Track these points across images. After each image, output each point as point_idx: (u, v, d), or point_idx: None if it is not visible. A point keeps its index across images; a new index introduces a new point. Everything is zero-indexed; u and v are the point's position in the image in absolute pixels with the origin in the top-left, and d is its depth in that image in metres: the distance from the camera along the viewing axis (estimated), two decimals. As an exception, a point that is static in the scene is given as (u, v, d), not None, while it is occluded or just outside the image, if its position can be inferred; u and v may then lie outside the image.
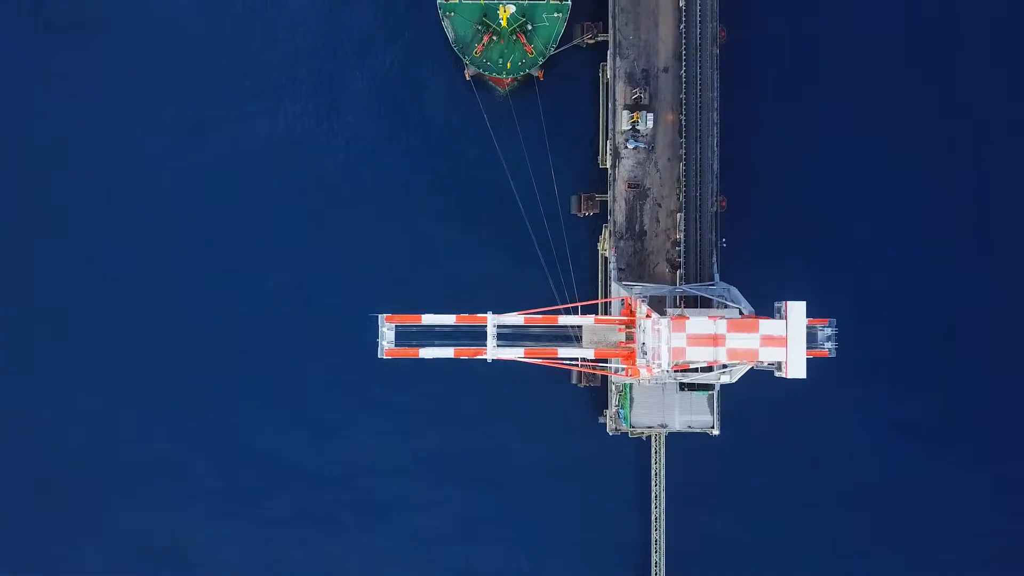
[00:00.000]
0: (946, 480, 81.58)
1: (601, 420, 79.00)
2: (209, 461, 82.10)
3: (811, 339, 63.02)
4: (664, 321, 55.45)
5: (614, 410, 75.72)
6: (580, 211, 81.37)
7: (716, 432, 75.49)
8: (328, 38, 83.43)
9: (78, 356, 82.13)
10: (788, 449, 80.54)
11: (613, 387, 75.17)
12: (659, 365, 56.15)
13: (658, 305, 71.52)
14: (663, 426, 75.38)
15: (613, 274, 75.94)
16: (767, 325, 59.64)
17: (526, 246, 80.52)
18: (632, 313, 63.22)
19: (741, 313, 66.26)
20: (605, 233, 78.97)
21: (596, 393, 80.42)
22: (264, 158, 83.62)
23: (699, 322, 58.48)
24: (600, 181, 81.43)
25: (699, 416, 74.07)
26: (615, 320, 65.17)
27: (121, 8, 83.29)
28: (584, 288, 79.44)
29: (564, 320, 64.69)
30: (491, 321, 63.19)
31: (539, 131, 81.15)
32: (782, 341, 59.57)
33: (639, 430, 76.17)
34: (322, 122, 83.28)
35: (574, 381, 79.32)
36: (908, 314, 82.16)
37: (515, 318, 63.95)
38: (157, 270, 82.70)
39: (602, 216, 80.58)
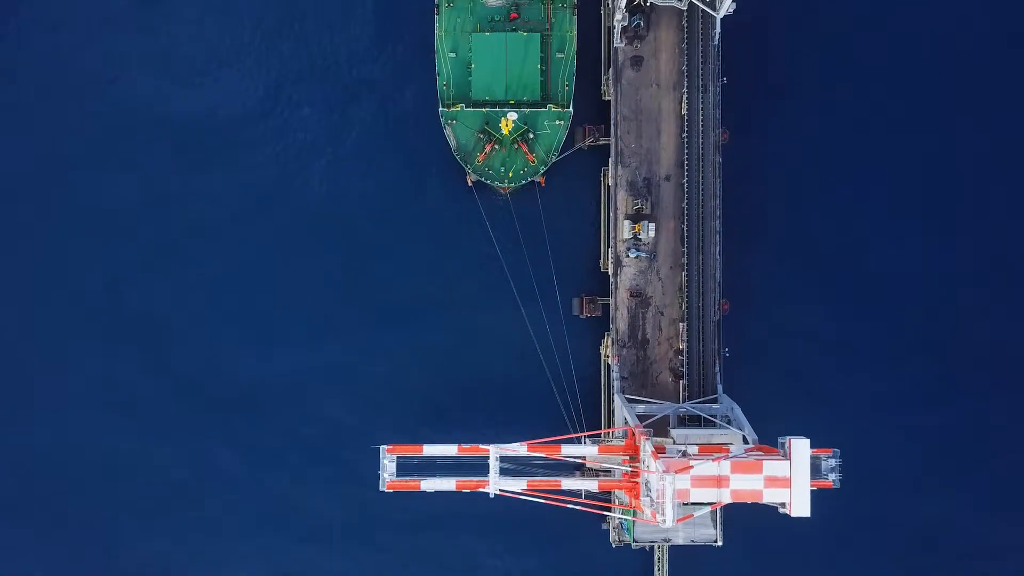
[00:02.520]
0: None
1: (604, 527, 78.76)
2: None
3: (815, 470, 62.69)
4: (668, 478, 55.24)
5: (617, 522, 75.45)
6: (582, 313, 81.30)
7: (719, 544, 75.27)
8: (329, 141, 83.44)
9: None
10: (794, 558, 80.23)
11: (616, 499, 74.95)
12: (663, 521, 55.93)
13: (661, 422, 71.72)
14: (666, 540, 75.11)
15: (616, 385, 75.77)
16: (771, 466, 59.49)
17: (527, 349, 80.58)
18: (636, 446, 63.05)
19: (745, 440, 66.20)
20: (607, 340, 78.81)
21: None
22: (265, 254, 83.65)
23: (703, 466, 58.26)
24: (602, 283, 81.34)
25: (702, 530, 73.79)
26: (619, 450, 64.99)
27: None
28: (588, 405, 79.38)
29: (567, 451, 64.46)
30: (493, 454, 63.00)
31: (540, 233, 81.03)
32: (786, 482, 59.34)
33: (642, 543, 75.98)
34: (321, 224, 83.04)
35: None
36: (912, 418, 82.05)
37: (518, 448, 63.73)
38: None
39: (604, 318, 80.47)
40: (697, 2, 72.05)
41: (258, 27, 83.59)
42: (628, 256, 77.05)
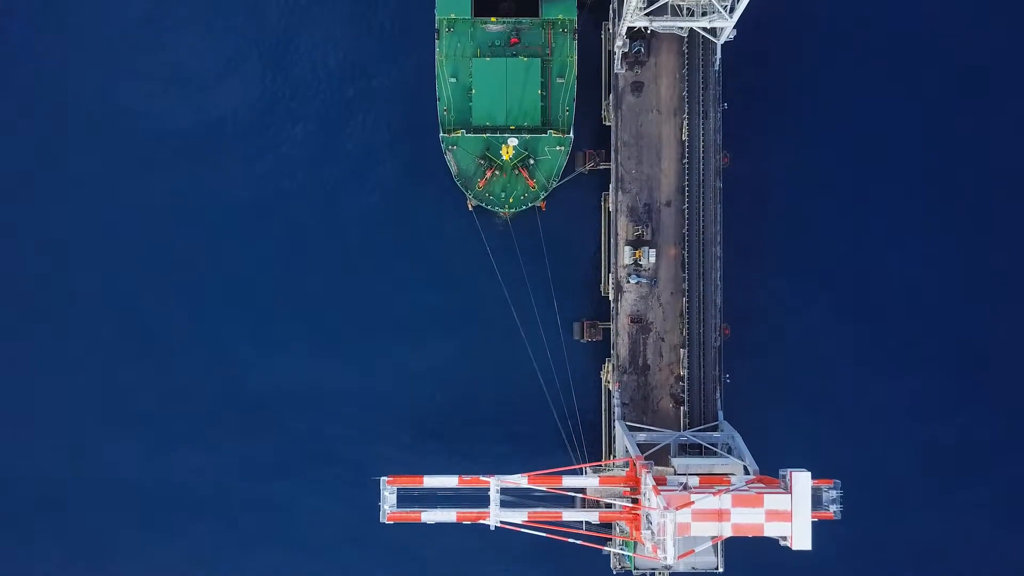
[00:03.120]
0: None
1: (605, 552, 78.62)
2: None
3: (816, 501, 62.50)
4: (669, 515, 55.18)
5: (618, 548, 75.36)
6: (583, 338, 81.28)
7: (720, 570, 75.09)
8: (327, 165, 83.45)
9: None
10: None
11: (617, 528, 74.87)
12: (664, 558, 55.88)
13: (662, 449, 71.70)
14: (667, 567, 74.84)
15: (617, 411, 75.71)
16: (772, 500, 59.43)
17: (528, 373, 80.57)
18: (637, 477, 63.00)
19: (746, 471, 66.14)
20: (608, 365, 78.76)
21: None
22: (264, 274, 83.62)
23: (704, 500, 58.19)
24: (603, 307, 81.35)
25: (703, 558, 73.53)
26: (620, 481, 64.93)
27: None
28: (589, 429, 79.40)
29: (569, 482, 64.42)
30: (494, 486, 62.93)
31: (540, 257, 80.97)
32: (787, 516, 59.25)
33: (643, 569, 75.83)
34: (319, 249, 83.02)
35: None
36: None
37: (519, 480, 63.67)
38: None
39: (605, 343, 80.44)
40: (698, 29, 72.00)
41: (259, 48, 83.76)
42: (629, 282, 76.98)
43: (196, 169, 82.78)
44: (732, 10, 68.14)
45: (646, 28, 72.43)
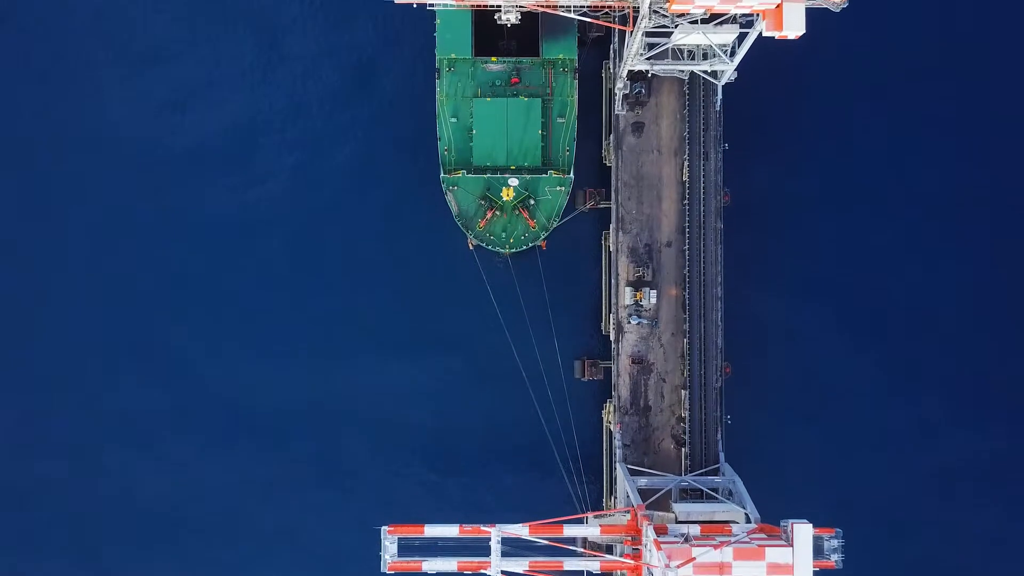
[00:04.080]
0: None
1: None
2: None
3: (817, 550, 62.44)
4: (671, 573, 55.13)
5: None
6: (584, 376, 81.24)
7: (722, 612, 74.98)
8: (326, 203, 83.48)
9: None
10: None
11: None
12: (666, 614, 55.92)
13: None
14: (668, 611, 74.79)
15: (618, 453, 75.61)
16: (773, 552, 59.35)
17: (528, 411, 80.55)
18: (639, 528, 62.94)
19: (747, 519, 66.06)
20: (609, 406, 78.69)
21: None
22: (263, 306, 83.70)
23: (706, 554, 58.12)
24: (603, 345, 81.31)
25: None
26: (621, 530, 64.88)
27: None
28: (589, 465, 79.38)
29: (570, 531, 64.32)
30: (495, 536, 62.82)
31: (540, 294, 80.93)
32: (789, 568, 59.20)
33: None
34: (319, 290, 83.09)
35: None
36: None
37: (520, 530, 63.57)
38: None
39: (606, 381, 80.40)
40: (699, 72, 71.90)
41: (260, 86, 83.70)
42: (630, 323, 76.92)
43: (210, 198, 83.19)
44: (733, 54, 67.98)
45: (647, 72, 72.26)
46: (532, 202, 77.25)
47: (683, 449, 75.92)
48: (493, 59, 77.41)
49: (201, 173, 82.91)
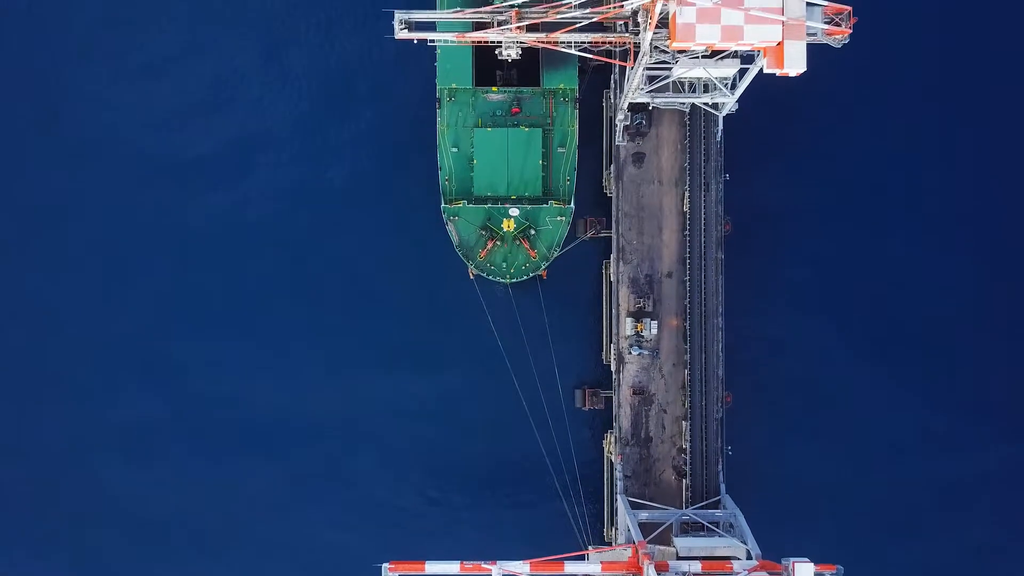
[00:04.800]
0: None
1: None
2: None
3: (819, 587, 62.21)
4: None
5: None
6: (585, 405, 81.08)
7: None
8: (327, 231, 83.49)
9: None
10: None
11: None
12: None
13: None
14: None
15: (619, 485, 75.40)
16: (775, 593, 59.12)
17: (529, 440, 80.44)
18: (640, 567, 62.71)
19: (748, 555, 65.83)
20: (610, 437, 78.51)
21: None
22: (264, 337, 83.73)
23: (707, 593, 58.00)
24: (604, 374, 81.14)
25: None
26: (622, 567, 64.61)
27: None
28: (590, 494, 79.26)
29: (571, 568, 64.04)
30: (496, 573, 62.60)
31: (541, 323, 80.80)
32: (790, 608, 58.99)
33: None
34: (320, 320, 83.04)
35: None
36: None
37: (521, 568, 63.32)
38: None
39: (607, 411, 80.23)
40: (700, 104, 71.81)
41: (261, 112, 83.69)
42: (631, 353, 76.75)
43: (216, 217, 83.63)
44: (734, 86, 67.90)
45: (648, 105, 72.20)
46: (533, 232, 77.17)
47: (684, 480, 75.68)
48: (494, 89, 77.39)
49: (205, 191, 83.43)
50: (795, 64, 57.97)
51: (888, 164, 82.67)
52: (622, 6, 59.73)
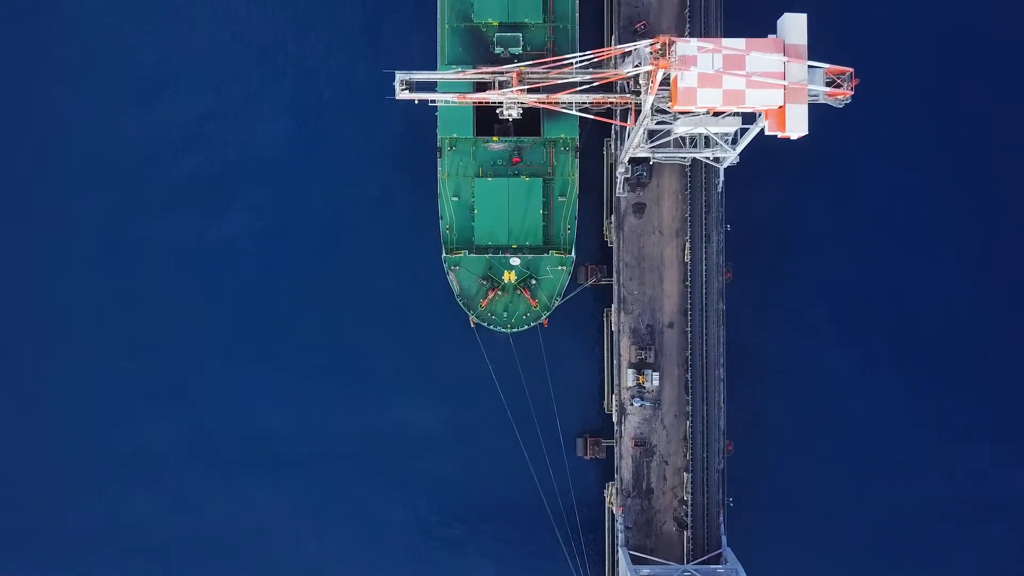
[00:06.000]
0: None
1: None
2: None
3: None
4: None
5: None
6: (586, 455, 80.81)
7: None
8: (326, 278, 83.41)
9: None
10: None
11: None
12: None
13: None
14: None
15: (620, 537, 75.12)
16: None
17: (530, 489, 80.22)
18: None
19: (750, 613, 65.62)
20: (611, 488, 78.21)
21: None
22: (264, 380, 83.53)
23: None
24: (605, 422, 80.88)
25: None
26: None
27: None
28: (591, 544, 79.12)
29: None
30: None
31: (542, 371, 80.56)
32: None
33: None
34: (320, 366, 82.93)
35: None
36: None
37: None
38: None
39: (608, 460, 79.93)
40: (701, 158, 71.77)
41: (261, 159, 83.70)
42: (632, 405, 76.52)
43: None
44: (735, 142, 67.82)
45: (648, 160, 72.16)
46: (534, 281, 77.04)
47: (685, 532, 75.36)
48: (495, 138, 77.35)
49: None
50: (797, 127, 58.06)
51: (889, 204, 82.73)
52: (625, 74, 59.65)
